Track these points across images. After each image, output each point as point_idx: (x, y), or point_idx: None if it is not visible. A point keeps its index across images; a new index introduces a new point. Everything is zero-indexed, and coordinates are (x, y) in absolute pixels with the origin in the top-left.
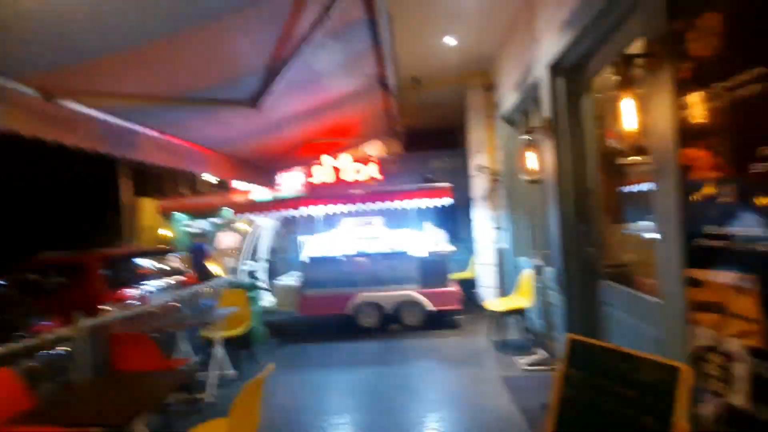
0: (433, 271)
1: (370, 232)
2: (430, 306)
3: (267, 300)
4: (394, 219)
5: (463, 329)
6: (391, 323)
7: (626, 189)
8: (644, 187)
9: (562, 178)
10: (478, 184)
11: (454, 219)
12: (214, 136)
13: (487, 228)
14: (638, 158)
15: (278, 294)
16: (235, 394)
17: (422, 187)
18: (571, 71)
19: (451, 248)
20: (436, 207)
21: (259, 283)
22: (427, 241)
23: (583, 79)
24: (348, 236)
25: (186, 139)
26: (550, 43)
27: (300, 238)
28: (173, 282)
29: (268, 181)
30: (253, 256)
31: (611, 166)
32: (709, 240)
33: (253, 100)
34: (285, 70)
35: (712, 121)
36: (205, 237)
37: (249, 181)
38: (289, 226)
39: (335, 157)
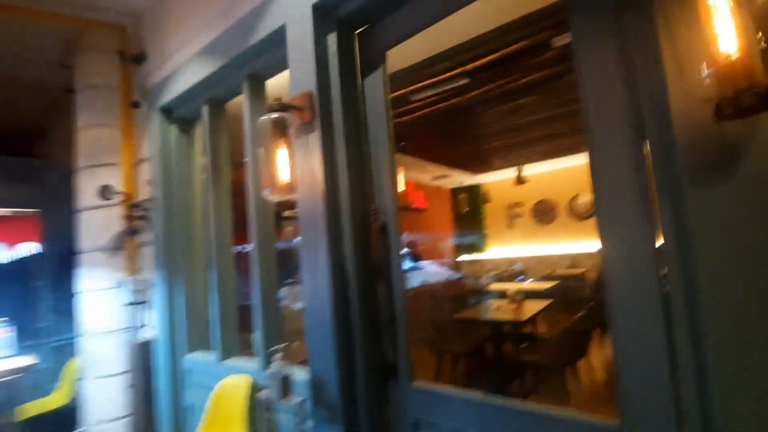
0: None
1: None
2: None
3: None
4: None
5: None
6: None
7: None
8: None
9: (335, 201)
10: (97, 223)
11: (27, 288)
12: None
13: (110, 304)
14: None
15: None
16: None
17: None
18: (352, 24)
19: (28, 361)
20: None
21: None
22: None
23: (378, 43)
24: None
25: None
26: None
27: None
28: None
29: None
30: None
31: None
32: None
33: None
34: None
35: None
36: None
37: None
38: None
39: None
